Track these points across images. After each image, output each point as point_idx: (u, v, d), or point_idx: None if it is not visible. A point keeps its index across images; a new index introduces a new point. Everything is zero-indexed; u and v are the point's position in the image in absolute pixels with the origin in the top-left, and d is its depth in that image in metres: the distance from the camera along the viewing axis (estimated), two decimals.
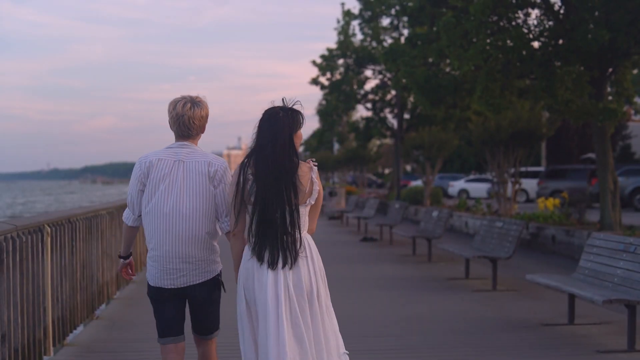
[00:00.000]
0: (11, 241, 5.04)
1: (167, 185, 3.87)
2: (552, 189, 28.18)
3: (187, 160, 3.92)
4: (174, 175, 3.88)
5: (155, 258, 3.93)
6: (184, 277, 3.91)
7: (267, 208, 3.63)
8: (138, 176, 3.93)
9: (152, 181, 3.89)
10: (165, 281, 3.93)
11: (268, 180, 3.62)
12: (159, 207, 3.87)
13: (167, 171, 3.89)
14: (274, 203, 3.62)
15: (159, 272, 3.93)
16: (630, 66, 14.57)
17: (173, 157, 3.93)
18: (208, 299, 4.00)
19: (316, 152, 63.43)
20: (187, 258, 3.88)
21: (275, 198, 3.62)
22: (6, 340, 4.87)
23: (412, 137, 27.32)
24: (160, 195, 3.87)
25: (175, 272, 3.90)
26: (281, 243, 3.63)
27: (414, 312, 8.01)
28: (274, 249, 3.62)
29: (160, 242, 3.90)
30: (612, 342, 6.47)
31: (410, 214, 25.65)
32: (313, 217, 3.84)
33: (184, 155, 3.93)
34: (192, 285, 3.93)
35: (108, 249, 8.48)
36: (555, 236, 14.78)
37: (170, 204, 3.86)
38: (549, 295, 8.92)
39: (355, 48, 33.05)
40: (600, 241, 7.30)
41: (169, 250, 3.88)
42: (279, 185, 3.62)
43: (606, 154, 14.02)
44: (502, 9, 13.78)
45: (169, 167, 3.90)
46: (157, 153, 3.97)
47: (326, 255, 16.21)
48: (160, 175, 3.88)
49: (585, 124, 36.32)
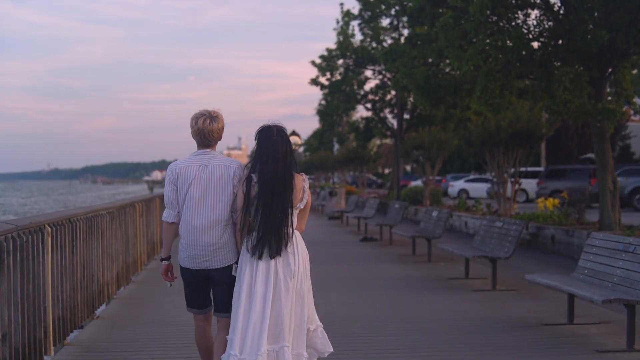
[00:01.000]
0: (12, 241, 5.05)
1: (195, 186, 4.68)
2: (551, 189, 28.19)
3: (209, 164, 4.72)
4: (200, 178, 4.69)
5: (184, 245, 4.72)
6: (207, 261, 4.68)
7: (270, 209, 4.49)
8: (170, 180, 4.76)
9: (183, 184, 4.71)
10: (192, 264, 4.71)
11: (272, 188, 4.50)
12: (188, 203, 4.69)
13: (194, 175, 4.70)
14: (275, 205, 4.49)
15: (187, 257, 4.72)
16: (630, 66, 14.57)
17: (198, 162, 4.73)
18: (227, 281, 4.70)
19: (316, 152, 63.50)
20: (208, 246, 4.65)
21: (277, 202, 4.49)
22: (7, 340, 4.88)
23: (412, 137, 27.34)
24: (189, 194, 4.68)
25: (200, 257, 4.67)
26: (277, 236, 4.49)
27: (413, 311, 8.02)
28: (272, 241, 4.49)
29: (187, 232, 4.68)
30: (612, 342, 6.48)
31: (410, 214, 25.67)
32: (302, 219, 4.72)
33: (207, 160, 4.73)
34: (215, 269, 4.68)
35: (108, 249, 8.49)
36: (554, 236, 14.79)
37: (195, 201, 4.66)
38: (548, 295, 8.93)
39: (355, 48, 33.04)
40: (599, 241, 7.32)
41: (194, 239, 4.66)
42: (280, 192, 4.50)
43: (605, 154, 14.03)
44: (502, 9, 13.79)
45: (195, 171, 4.71)
46: (185, 161, 4.78)
47: (326, 255, 16.15)
48: (189, 179, 4.70)
49: (585, 124, 36.33)
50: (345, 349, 6.29)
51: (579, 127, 39.78)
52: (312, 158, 60.06)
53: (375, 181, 67.05)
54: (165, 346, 6.51)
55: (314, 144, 67.73)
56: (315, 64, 34.61)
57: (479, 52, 13.38)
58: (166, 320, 7.58)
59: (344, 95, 33.62)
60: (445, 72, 17.71)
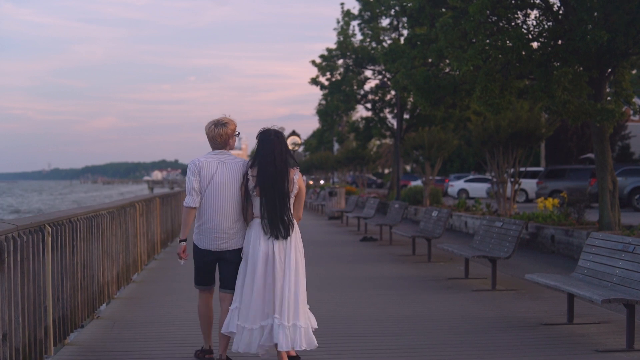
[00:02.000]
0: (12, 241, 5.06)
1: (217, 179, 5.63)
2: (551, 188, 28.21)
3: (227, 162, 5.71)
4: (221, 172, 5.66)
5: (205, 229, 5.66)
6: (224, 243, 5.66)
7: (270, 197, 5.44)
8: (193, 172, 5.67)
9: (205, 176, 5.64)
10: (212, 245, 5.65)
11: (271, 179, 5.44)
12: (211, 193, 5.62)
13: (214, 170, 5.66)
14: (274, 193, 5.44)
15: (208, 240, 5.65)
16: (629, 67, 14.59)
17: (217, 160, 5.70)
18: (237, 261, 5.66)
19: (316, 152, 63.45)
20: (227, 230, 5.63)
21: (276, 190, 5.44)
22: (7, 340, 4.89)
23: (412, 137, 27.34)
24: (212, 186, 5.62)
25: (220, 239, 5.64)
26: (282, 221, 5.42)
27: (413, 311, 8.03)
28: (277, 226, 5.42)
29: (210, 217, 5.62)
30: (611, 341, 6.49)
31: (410, 213, 25.67)
32: (298, 207, 5.64)
33: (224, 158, 5.72)
34: (230, 250, 5.67)
35: (109, 249, 8.50)
36: (554, 236, 14.81)
37: (218, 192, 5.62)
38: (548, 294, 8.95)
39: (354, 48, 33.03)
40: (599, 241, 7.32)
41: (217, 224, 5.62)
42: (279, 182, 5.46)
43: (605, 154, 14.04)
44: (501, 10, 13.80)
45: (215, 166, 5.67)
46: (205, 157, 5.73)
47: (326, 255, 16.12)
48: (210, 172, 5.65)
49: (584, 124, 36.33)
50: (345, 349, 6.31)
51: (579, 127, 39.80)
52: (312, 158, 60.04)
53: (375, 181, 67.06)
54: (165, 346, 6.51)
55: (314, 144, 67.66)
56: (315, 63, 34.60)
57: (478, 52, 13.39)
58: (166, 320, 7.59)
59: (344, 95, 33.61)
60: (445, 73, 17.70)
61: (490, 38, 13.75)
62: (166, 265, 12.24)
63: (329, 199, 26.47)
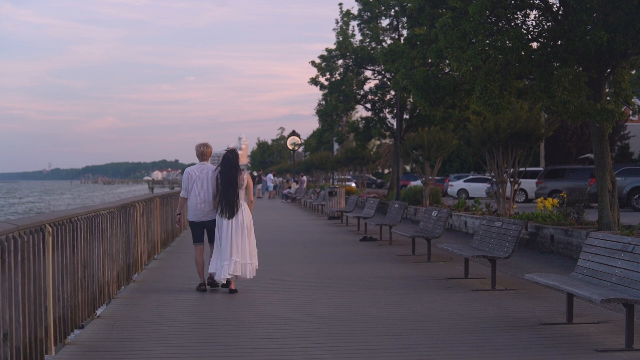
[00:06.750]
0: (13, 241, 5.08)
1: (199, 182, 9.44)
2: (550, 188, 28.24)
3: (205, 169, 9.50)
4: (201, 177, 9.45)
5: (192, 209, 9.49)
6: (203, 217, 9.47)
7: (226, 190, 9.17)
8: (186, 177, 9.53)
9: (192, 180, 9.46)
10: (195, 218, 9.53)
11: (227, 179, 9.20)
12: (195, 188, 9.45)
13: (197, 175, 9.47)
14: (229, 188, 9.18)
15: (193, 215, 9.51)
16: (628, 67, 14.60)
17: (199, 168, 9.54)
18: (213, 227, 9.33)
19: (316, 152, 63.48)
20: (204, 210, 9.44)
21: (231, 186, 9.19)
22: (8, 339, 4.91)
23: (412, 137, 27.35)
24: (196, 184, 9.44)
25: (200, 215, 9.48)
26: (233, 206, 9.16)
27: (413, 311, 8.05)
28: (229, 208, 9.15)
29: (194, 203, 9.44)
30: (611, 341, 6.51)
31: (410, 213, 25.68)
32: (248, 194, 9.36)
33: (204, 167, 9.53)
34: (207, 221, 9.46)
35: (109, 249, 8.51)
36: (553, 236, 14.82)
37: (198, 189, 9.43)
38: (547, 294, 8.96)
39: (354, 48, 33.05)
40: (598, 241, 7.34)
41: (196, 206, 9.45)
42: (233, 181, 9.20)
43: (604, 154, 14.05)
44: (501, 10, 13.81)
45: (198, 172, 9.48)
46: (194, 167, 9.58)
47: (326, 254, 16.12)
48: (195, 176, 9.47)
49: (584, 124, 36.35)
50: (345, 349, 6.32)
51: (578, 127, 39.85)
52: (312, 158, 60.07)
53: (375, 181, 67.08)
54: (165, 346, 6.53)
55: (314, 144, 67.67)
56: (314, 64, 34.61)
57: (478, 52, 13.40)
58: (166, 320, 7.61)
59: (344, 95, 33.62)
60: (444, 73, 17.70)
61: (489, 38, 13.76)
62: (166, 265, 12.25)
63: (329, 199, 26.47)
